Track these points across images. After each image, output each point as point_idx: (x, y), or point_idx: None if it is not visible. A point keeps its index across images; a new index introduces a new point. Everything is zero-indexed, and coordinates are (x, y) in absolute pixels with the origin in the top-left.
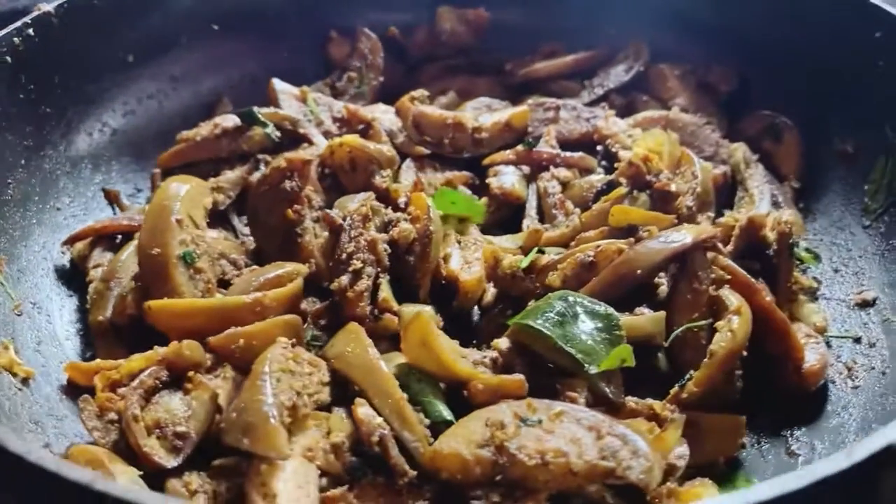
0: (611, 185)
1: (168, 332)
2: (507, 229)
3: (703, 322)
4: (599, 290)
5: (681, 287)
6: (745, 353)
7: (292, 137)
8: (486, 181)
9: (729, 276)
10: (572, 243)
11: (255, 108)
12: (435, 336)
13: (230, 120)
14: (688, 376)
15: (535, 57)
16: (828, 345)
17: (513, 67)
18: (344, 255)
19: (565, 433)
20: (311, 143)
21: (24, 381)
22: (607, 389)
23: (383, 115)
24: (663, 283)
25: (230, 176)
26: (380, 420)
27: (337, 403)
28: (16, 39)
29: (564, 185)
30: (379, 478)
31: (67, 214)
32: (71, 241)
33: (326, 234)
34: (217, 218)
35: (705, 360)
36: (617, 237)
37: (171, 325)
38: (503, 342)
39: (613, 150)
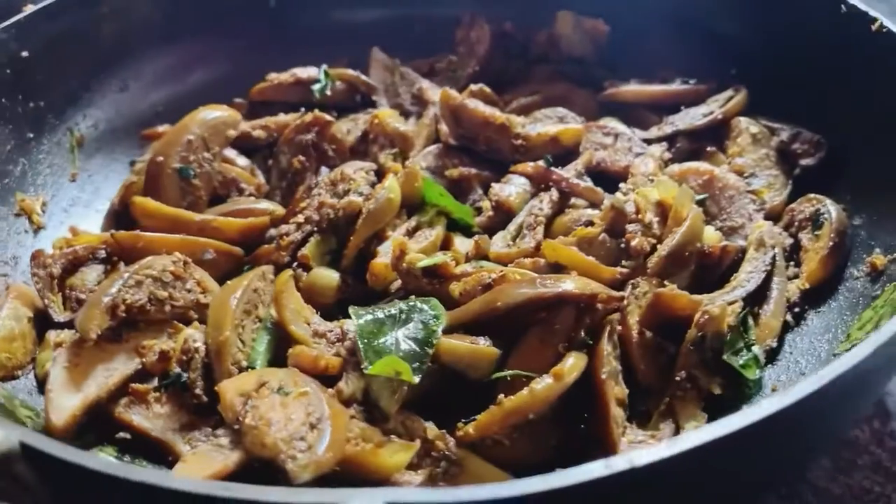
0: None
1: (140, 225)
2: None
3: (533, 374)
4: (462, 314)
5: (533, 332)
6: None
7: (364, 100)
8: (491, 185)
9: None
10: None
11: (326, 67)
12: (285, 293)
13: (306, 72)
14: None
15: (643, 80)
16: None
17: (608, 86)
18: (297, 208)
19: (293, 410)
20: (374, 107)
21: (36, 230)
22: (380, 395)
23: (468, 99)
24: None
25: (280, 118)
26: (200, 346)
27: None
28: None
29: (559, 211)
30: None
31: None
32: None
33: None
34: (260, 156)
35: (492, 406)
36: (548, 272)
37: (142, 220)
38: (349, 323)
39: (624, 190)
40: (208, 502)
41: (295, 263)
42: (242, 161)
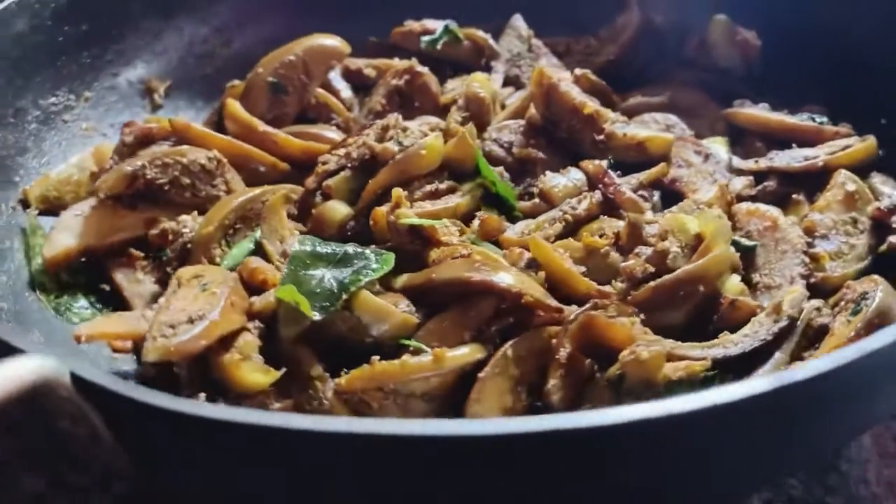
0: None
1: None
2: None
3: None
4: (411, 280)
5: (449, 312)
6: None
7: (489, 64)
8: (546, 172)
9: None
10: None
11: (454, 25)
12: (272, 209)
13: (428, 24)
14: None
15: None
16: None
17: (736, 104)
18: (345, 142)
19: (193, 304)
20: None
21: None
22: (283, 320)
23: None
24: None
25: (390, 62)
26: (188, 232)
27: None
28: None
29: (596, 215)
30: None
31: None
32: None
33: None
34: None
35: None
36: (526, 266)
37: (225, 120)
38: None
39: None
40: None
41: (319, 191)
42: (346, 93)
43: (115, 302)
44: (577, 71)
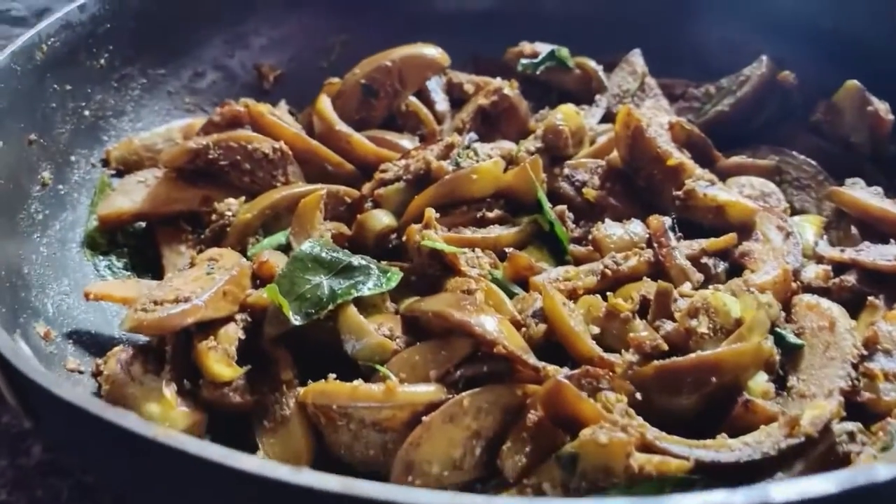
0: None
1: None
2: None
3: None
4: (410, 306)
5: (424, 345)
6: None
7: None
8: (605, 220)
9: None
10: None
11: (566, 52)
12: (307, 207)
13: (539, 47)
14: None
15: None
16: None
17: (850, 185)
18: (404, 155)
19: (190, 283)
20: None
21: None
22: (270, 317)
23: (658, 121)
24: None
25: (489, 80)
26: (229, 215)
27: None
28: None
29: (640, 276)
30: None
31: None
32: None
33: None
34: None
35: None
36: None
37: (314, 114)
38: None
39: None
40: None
41: (370, 198)
42: (442, 106)
43: (156, 269)
44: (672, 119)
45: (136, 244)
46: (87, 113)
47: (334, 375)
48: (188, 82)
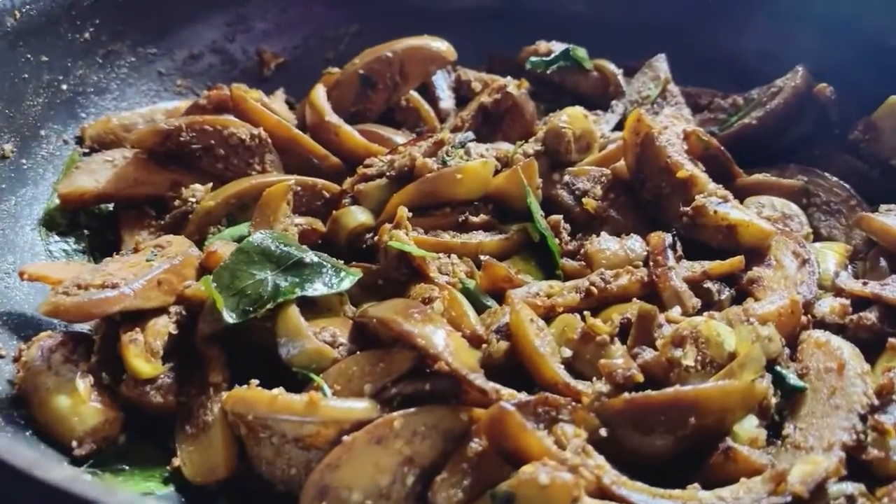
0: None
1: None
2: None
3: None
4: (365, 311)
5: (363, 355)
6: None
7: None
8: (600, 233)
9: None
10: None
11: (583, 52)
12: (274, 197)
13: (555, 47)
14: None
15: None
16: None
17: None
18: (391, 151)
19: (128, 269)
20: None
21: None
22: (205, 311)
23: (674, 130)
24: None
25: (495, 78)
26: (193, 201)
27: None
28: None
29: (630, 296)
30: None
31: None
32: None
33: None
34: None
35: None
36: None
37: (307, 103)
38: None
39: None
40: None
41: (350, 194)
42: (446, 103)
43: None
44: (688, 127)
45: (99, 227)
46: (64, 87)
47: (257, 382)
48: (182, 64)
